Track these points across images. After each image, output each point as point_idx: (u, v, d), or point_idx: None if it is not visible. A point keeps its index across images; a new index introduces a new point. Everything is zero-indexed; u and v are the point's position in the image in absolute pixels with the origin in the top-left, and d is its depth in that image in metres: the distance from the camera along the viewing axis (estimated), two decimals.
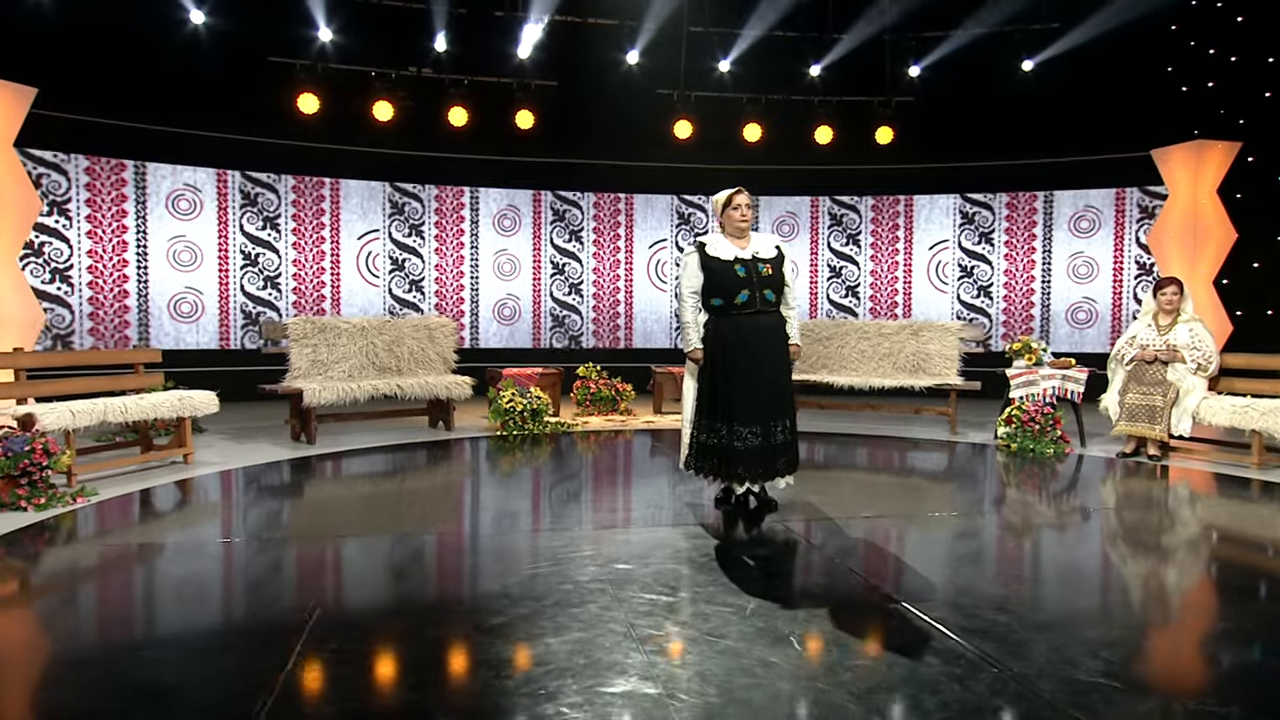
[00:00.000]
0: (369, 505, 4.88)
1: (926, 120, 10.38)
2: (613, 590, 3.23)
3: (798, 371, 8.21)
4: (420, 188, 10.41)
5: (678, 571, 3.48)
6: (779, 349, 4.51)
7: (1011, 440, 6.78)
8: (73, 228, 8.59)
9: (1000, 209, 10.77)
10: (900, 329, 7.99)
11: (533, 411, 7.46)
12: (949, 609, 3.04)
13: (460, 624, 2.94)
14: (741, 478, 4.43)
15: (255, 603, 3.21)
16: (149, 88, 8.56)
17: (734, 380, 4.40)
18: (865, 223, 11.14)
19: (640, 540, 3.96)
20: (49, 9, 7.65)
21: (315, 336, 6.91)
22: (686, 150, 10.51)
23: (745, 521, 4.39)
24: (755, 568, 3.64)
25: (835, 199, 11.19)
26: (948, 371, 7.78)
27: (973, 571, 3.55)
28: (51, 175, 8.48)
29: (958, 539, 4.08)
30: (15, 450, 4.43)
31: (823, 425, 8.00)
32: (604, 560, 3.62)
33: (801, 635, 2.80)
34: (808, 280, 11.15)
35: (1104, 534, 4.32)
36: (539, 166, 10.68)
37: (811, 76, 10.38)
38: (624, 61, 10.01)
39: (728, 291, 4.41)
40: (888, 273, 11.07)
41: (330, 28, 9.10)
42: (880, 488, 5.45)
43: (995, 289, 10.76)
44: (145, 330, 8.99)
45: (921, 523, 4.41)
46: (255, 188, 9.60)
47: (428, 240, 10.46)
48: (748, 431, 4.39)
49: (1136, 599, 3.34)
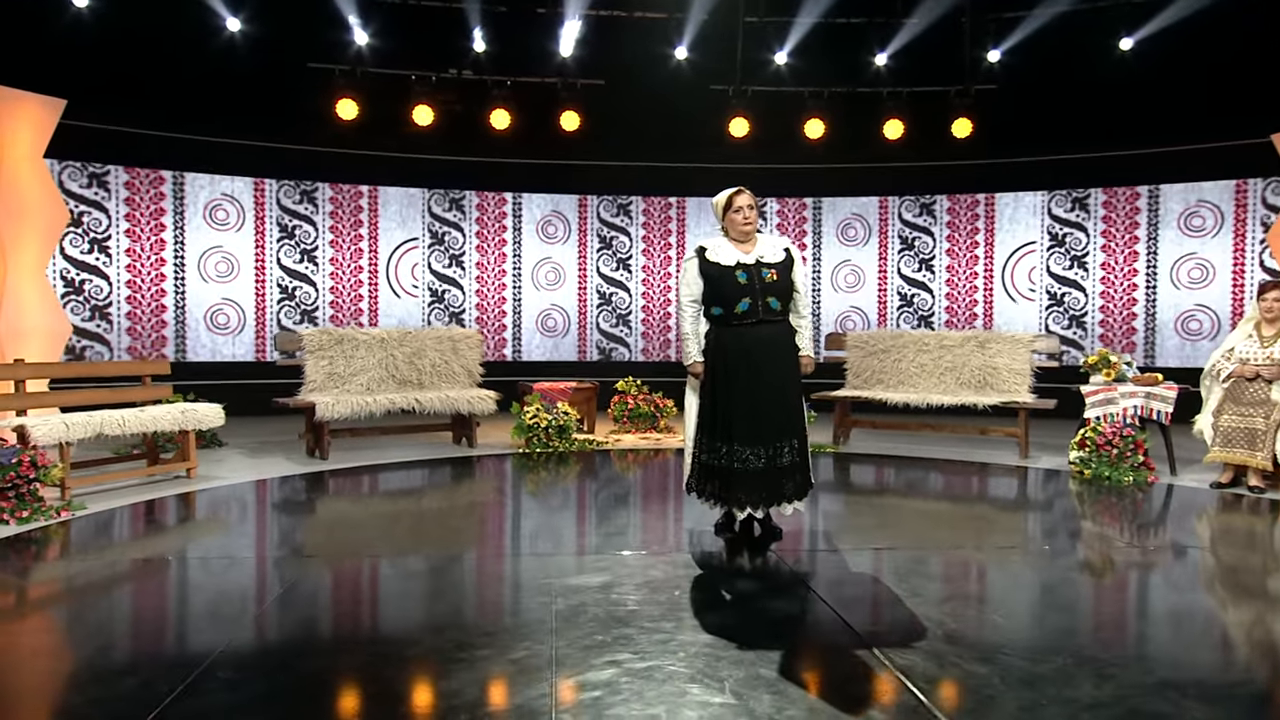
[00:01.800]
0: (348, 527, 4.92)
1: (1009, 110, 9.91)
2: (559, 623, 3.12)
3: (850, 386, 7.93)
4: (460, 194, 10.58)
5: (638, 604, 3.34)
6: (785, 361, 4.32)
7: (1085, 466, 6.34)
8: (112, 240, 9.08)
9: (1096, 207, 10.18)
10: (965, 340, 7.61)
11: (559, 428, 7.42)
12: (929, 657, 2.80)
13: (369, 653, 2.88)
14: (743, 502, 4.25)
15: (162, 630, 3.25)
16: (187, 97, 8.98)
17: (734, 396, 4.24)
18: (940, 225, 10.71)
19: (616, 568, 3.84)
20: (87, 20, 8.13)
21: (332, 348, 7.06)
22: (743, 149, 10.33)
23: (742, 550, 4.22)
24: (728, 603, 3.47)
25: (906, 199, 10.80)
26: (1018, 388, 7.35)
27: (973, 614, 3.27)
28: (92, 188, 8.99)
29: (981, 576, 3.80)
30: (2, 462, 4.65)
31: (873, 446, 7.68)
32: (565, 589, 3.51)
33: (738, 680, 2.62)
34: (875, 289, 10.79)
35: (1178, 576, 3.94)
36: (585, 170, 10.71)
37: (878, 66, 10.08)
38: (673, 57, 9.94)
39: (728, 299, 4.27)
40: (965, 280, 10.60)
41: (366, 31, 9.37)
42: (917, 516, 5.15)
43: (1090, 296, 10.15)
44: (182, 342, 9.40)
45: (946, 557, 4.13)
46: (292, 196, 9.94)
47: (468, 249, 10.62)
48: (749, 452, 4.22)
49: (1238, 658, 3.00)
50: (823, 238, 10.87)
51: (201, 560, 4.08)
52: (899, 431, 7.94)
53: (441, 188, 10.49)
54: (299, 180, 9.96)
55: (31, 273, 7.17)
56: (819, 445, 7.55)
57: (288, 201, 9.92)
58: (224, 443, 7.42)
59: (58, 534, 4.47)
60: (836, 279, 10.85)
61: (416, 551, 4.28)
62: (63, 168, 8.82)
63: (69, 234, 8.83)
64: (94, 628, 3.24)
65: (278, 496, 5.60)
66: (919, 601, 3.39)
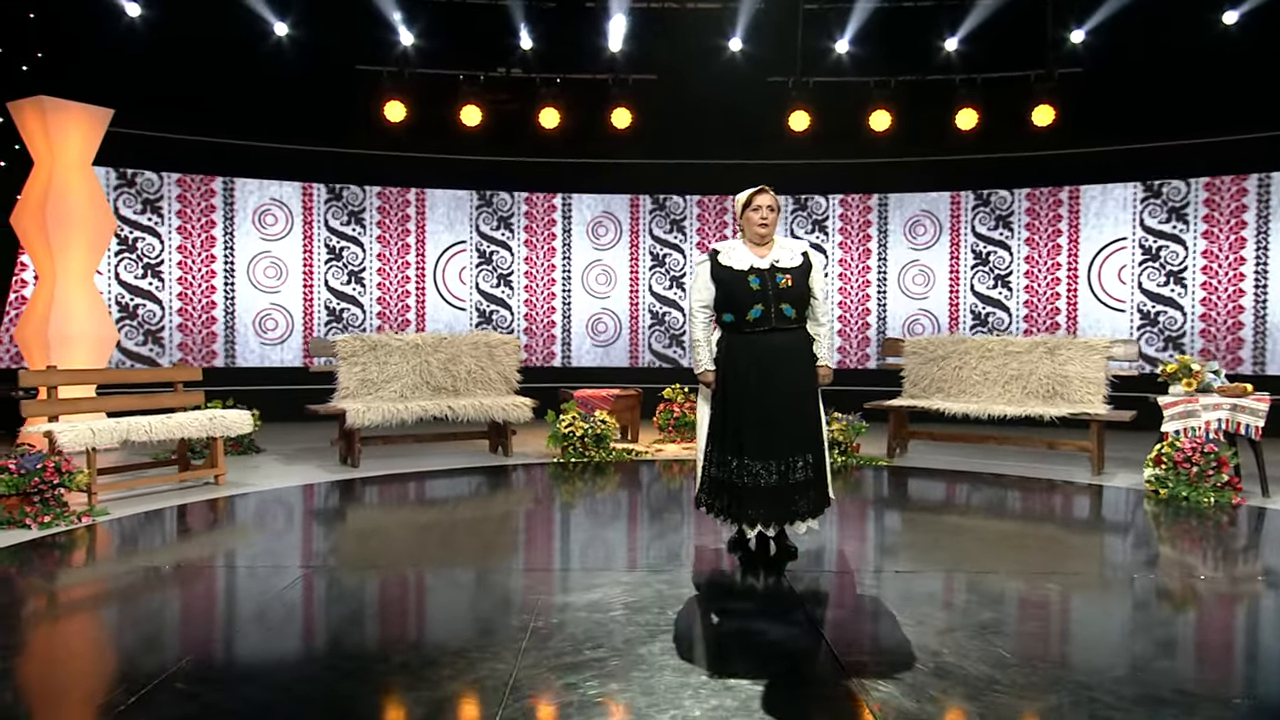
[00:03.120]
0: (357, 537, 5.05)
1: (1097, 94, 9.52)
2: (531, 642, 3.14)
3: (906, 395, 7.73)
4: (509, 196, 10.74)
5: (620, 624, 3.33)
6: (799, 372, 4.26)
7: (1161, 485, 6.02)
8: (164, 246, 9.55)
9: (1196, 197, 9.66)
10: (1033, 346, 7.33)
11: (596, 437, 7.46)
12: (910, 691, 2.71)
13: (333, 669, 2.95)
14: (753, 519, 4.20)
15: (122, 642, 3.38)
16: (236, 102, 9.38)
17: (745, 407, 4.20)
18: (1018, 221, 10.34)
19: (612, 585, 3.83)
20: (139, 29, 8.59)
21: (365, 355, 7.26)
22: (803, 144, 10.21)
23: (751, 570, 4.16)
24: (713, 626, 3.44)
25: (981, 194, 10.47)
26: (1092, 398, 7.04)
27: (977, 646, 3.15)
28: (144, 193, 9.47)
29: (1006, 604, 3.64)
30: (28, 468, 4.94)
31: (930, 459, 7.47)
32: (552, 607, 3.53)
33: (699, 710, 2.58)
34: (946, 291, 10.48)
35: (1253, 610, 3.72)
36: (637, 169, 10.74)
37: (948, 51, 9.81)
38: (727, 49, 9.89)
39: (739, 306, 4.23)
40: (1046, 282, 10.21)
41: (412, 31, 9.62)
42: (959, 537, 4.99)
43: (1190, 296, 9.64)
44: (231, 347, 9.81)
45: (976, 581, 3.98)
46: (340, 201, 10.26)
47: (516, 252, 10.78)
48: (760, 467, 4.17)
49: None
50: (889, 237, 10.63)
51: (196, 569, 4.25)
52: (960, 444, 7.70)
53: (489, 189, 10.68)
54: (346, 184, 10.29)
55: (79, 280, 7.60)
56: (871, 458, 7.39)
57: (335, 205, 10.25)
58: (262, 449, 7.71)
59: (74, 539, 4.72)
60: (904, 281, 10.60)
61: (418, 564, 4.36)
62: (114, 175, 9.32)
63: (123, 236, 9.34)
64: (58, 637, 3.41)
65: (299, 505, 5.79)
66: (922, 630, 3.28)
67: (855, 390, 8.93)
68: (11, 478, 4.89)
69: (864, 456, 7.42)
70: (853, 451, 7.39)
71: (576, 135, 10.16)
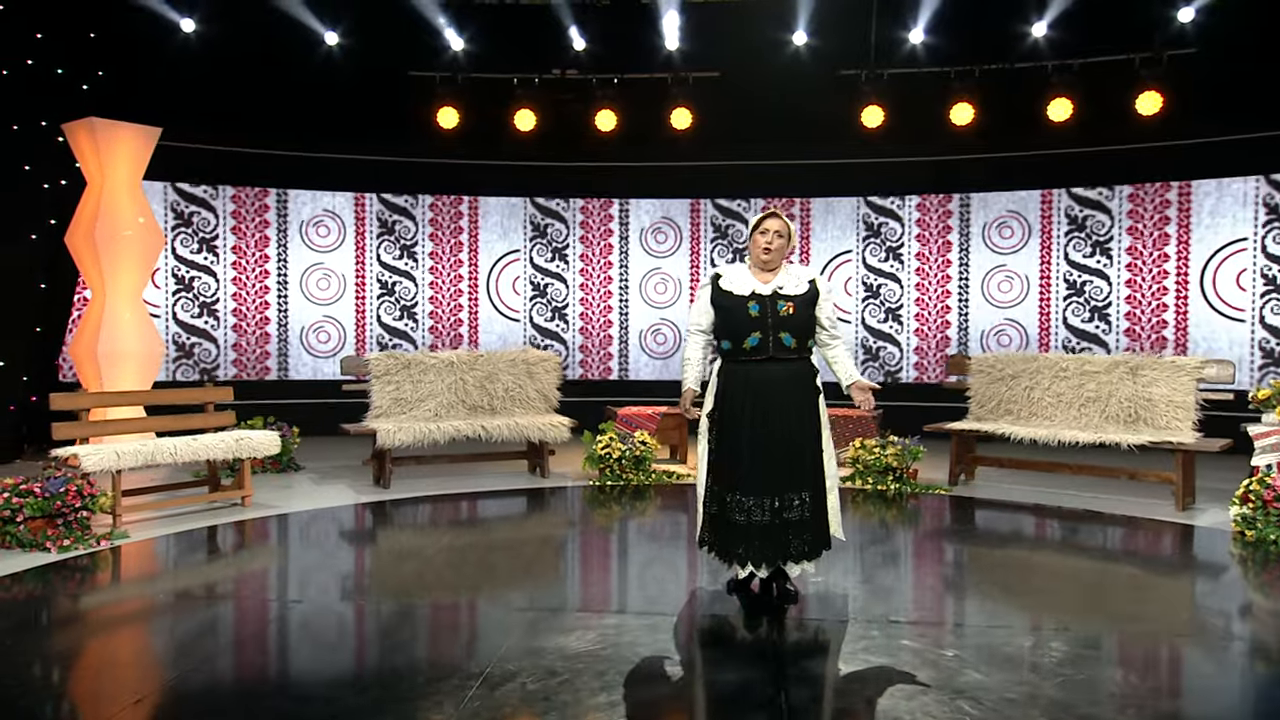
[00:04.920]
0: (361, 568, 5.27)
1: (1210, 77, 9.07)
2: (480, 690, 3.25)
3: (972, 417, 7.54)
4: (564, 202, 10.94)
5: (577, 672, 3.41)
6: (799, 404, 4.26)
7: (1248, 526, 5.72)
8: (219, 260, 10.13)
9: None
10: (1113, 366, 7.04)
11: (635, 458, 7.55)
12: None
13: (275, 711, 3.13)
14: (742, 558, 4.23)
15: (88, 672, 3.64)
16: (289, 114, 9.87)
17: (739, 440, 4.23)
18: (1119, 222, 9.91)
19: (584, 631, 3.91)
20: (194, 45, 9.15)
21: (399, 373, 7.55)
22: (876, 142, 10.06)
23: (747, 616, 4.17)
24: (667, 679, 3.47)
25: (1076, 192, 10.08)
26: (1180, 424, 6.72)
27: (947, 713, 3.09)
28: (200, 211, 10.06)
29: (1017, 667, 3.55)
30: (52, 491, 5.36)
31: (994, 490, 7.27)
32: (517, 652, 3.63)
33: None
34: (1037, 300, 10.13)
35: None
36: (698, 171, 10.78)
37: (1035, 37, 9.49)
38: (791, 42, 9.83)
39: (736, 333, 4.26)
40: (1151, 289, 9.74)
41: (462, 36, 9.92)
42: (998, 579, 4.86)
43: None
44: (285, 360, 10.33)
45: (990, 639, 3.89)
46: (392, 213, 10.66)
47: (572, 260, 10.96)
48: (752, 504, 4.20)
49: None
50: (970, 240, 10.36)
51: (192, 599, 4.54)
52: (1029, 471, 7.45)
53: (543, 195, 10.89)
54: (399, 193, 10.67)
55: (129, 297, 8.16)
56: (928, 486, 7.25)
57: (387, 214, 10.65)
58: (302, 466, 8.10)
59: (88, 564, 5.09)
60: (988, 288, 10.30)
61: (410, 598, 4.55)
62: (169, 189, 9.94)
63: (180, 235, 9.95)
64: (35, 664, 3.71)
65: (318, 530, 6.08)
66: (896, 698, 3.24)
67: (934, 407, 8.65)
68: (37, 500, 5.32)
69: (919, 484, 7.28)
70: (909, 478, 7.25)
71: (634, 137, 10.27)
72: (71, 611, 4.38)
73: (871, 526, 6.15)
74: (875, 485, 7.24)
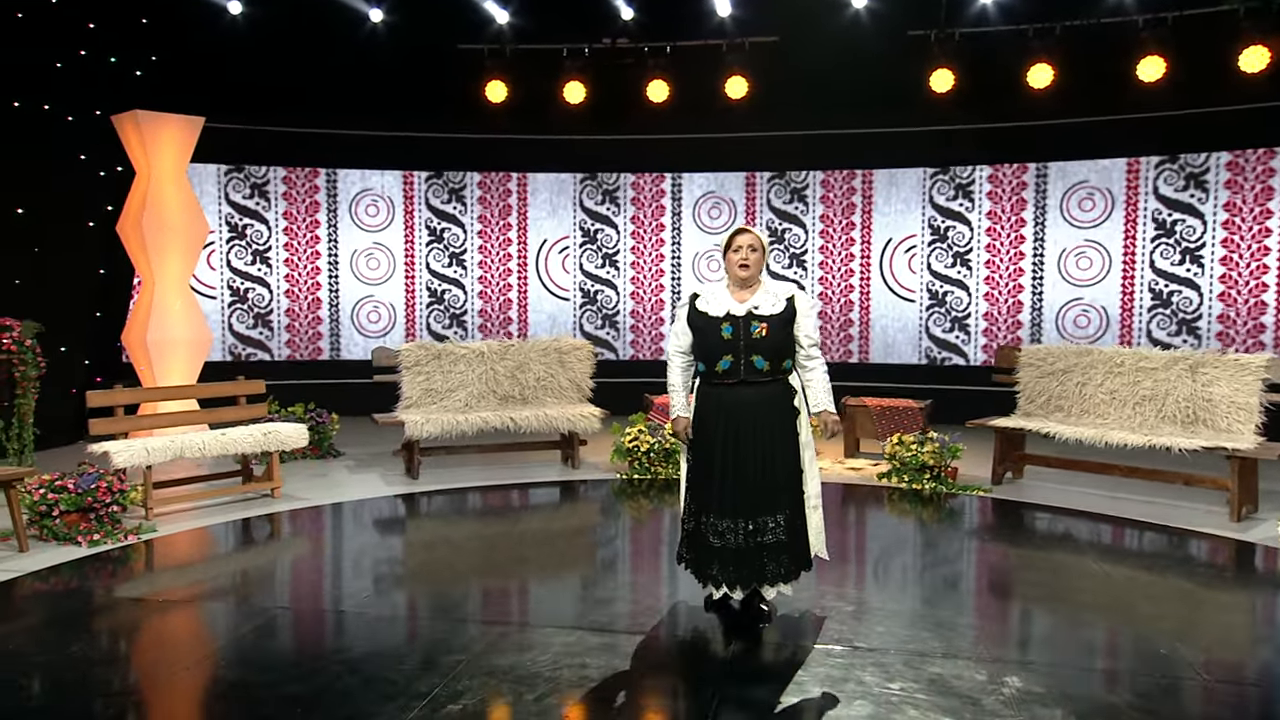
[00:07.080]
0: (366, 567, 5.72)
1: None
2: (424, 710, 3.61)
3: (1020, 413, 7.53)
4: (615, 177, 11.14)
5: (517, 697, 3.73)
6: (773, 427, 4.44)
7: None
8: (271, 241, 10.77)
9: None
10: (1171, 363, 6.92)
11: (664, 451, 7.81)
12: None
13: None
14: (717, 580, 4.46)
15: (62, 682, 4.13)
16: (334, 93, 10.35)
17: (711, 464, 4.45)
18: (1214, 194, 9.55)
19: (541, 650, 4.21)
20: (241, 26, 9.69)
21: (429, 364, 7.98)
22: (944, 108, 9.93)
23: (723, 634, 4.41)
24: (614, 706, 3.75)
25: (1167, 160, 9.74)
26: (1241, 427, 6.60)
27: None
28: (252, 196, 10.70)
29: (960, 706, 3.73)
30: (84, 486, 5.98)
31: (1037, 492, 7.27)
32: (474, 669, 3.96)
33: None
34: (1119, 280, 9.87)
35: None
36: (753, 142, 10.82)
37: None
38: (850, 4, 9.73)
39: (709, 356, 4.46)
40: (1249, 269, 9.38)
41: (507, 9, 10.18)
42: (993, 600, 4.98)
43: None
44: (336, 340, 10.94)
45: (947, 669, 4.05)
46: (441, 188, 11.08)
47: (623, 237, 11.19)
48: (726, 526, 4.42)
49: None
50: (1046, 213, 10.14)
51: (191, 601, 5.05)
52: (1078, 473, 7.40)
53: (593, 170, 11.12)
54: (446, 170, 11.08)
55: (176, 284, 8.81)
56: (967, 485, 7.30)
57: (436, 192, 11.08)
58: (341, 452, 8.67)
59: (113, 559, 5.68)
60: (1065, 266, 10.09)
61: (394, 600, 4.96)
62: (223, 173, 10.58)
63: (236, 232, 10.62)
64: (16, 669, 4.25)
65: (341, 524, 6.58)
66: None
67: (1000, 394, 8.58)
68: (70, 496, 5.95)
69: (957, 484, 7.33)
70: (947, 477, 7.32)
71: (687, 108, 10.37)
72: (105, 601, 4.94)
73: (890, 531, 6.28)
74: (911, 484, 7.34)
